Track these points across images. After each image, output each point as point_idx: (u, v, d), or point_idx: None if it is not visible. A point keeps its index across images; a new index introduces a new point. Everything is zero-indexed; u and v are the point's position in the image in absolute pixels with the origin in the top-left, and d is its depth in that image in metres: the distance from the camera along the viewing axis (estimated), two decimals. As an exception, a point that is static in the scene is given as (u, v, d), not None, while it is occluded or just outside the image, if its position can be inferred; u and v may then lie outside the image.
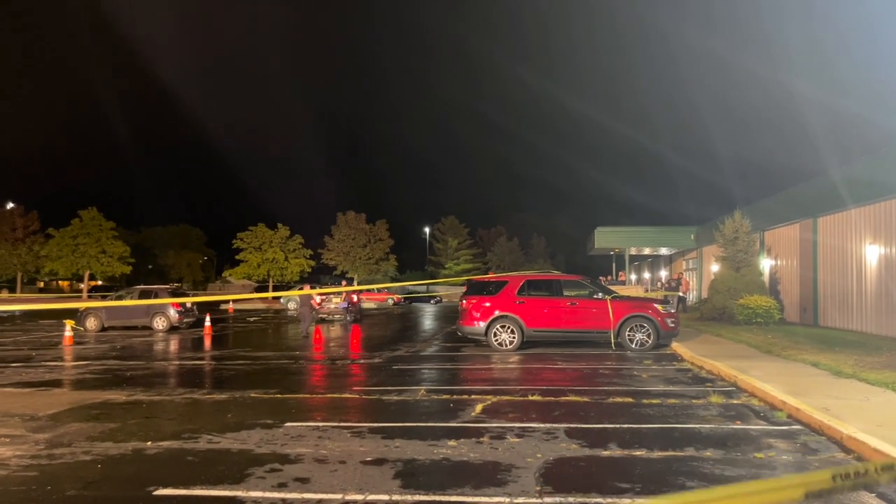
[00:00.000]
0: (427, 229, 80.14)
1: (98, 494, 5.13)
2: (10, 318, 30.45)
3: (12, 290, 59.34)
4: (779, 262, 23.71)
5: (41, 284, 70.79)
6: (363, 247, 56.99)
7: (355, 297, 27.01)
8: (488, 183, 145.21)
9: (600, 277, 40.20)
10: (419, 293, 55.79)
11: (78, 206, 52.46)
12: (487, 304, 15.10)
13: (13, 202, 58.03)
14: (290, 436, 6.87)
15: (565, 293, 15.20)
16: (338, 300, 26.25)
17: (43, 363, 13.47)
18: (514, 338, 14.77)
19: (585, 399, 8.81)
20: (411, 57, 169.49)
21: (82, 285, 56.28)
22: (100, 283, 58.84)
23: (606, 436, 6.75)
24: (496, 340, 14.85)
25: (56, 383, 10.88)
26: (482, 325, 15.00)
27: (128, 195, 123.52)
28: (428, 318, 30.89)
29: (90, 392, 9.87)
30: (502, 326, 14.88)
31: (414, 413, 8.18)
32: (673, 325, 14.67)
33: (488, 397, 8.99)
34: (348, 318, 25.79)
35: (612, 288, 18.53)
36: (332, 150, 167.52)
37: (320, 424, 7.41)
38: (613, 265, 49.66)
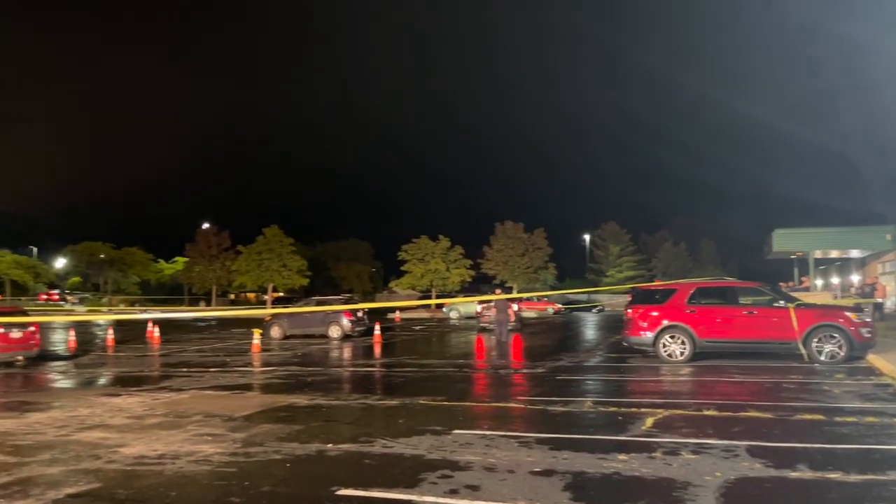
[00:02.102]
0: (586, 236, 78.51)
1: (289, 492, 5.57)
2: (208, 326, 33.96)
3: (208, 302, 66.22)
4: None
5: (232, 296, 78.27)
6: (521, 255, 57.01)
7: (515, 307, 27.02)
8: (649, 187, 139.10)
9: (781, 284, 37.09)
10: (580, 302, 54.79)
11: (262, 224, 57.70)
12: (655, 314, 14.49)
13: (208, 223, 64.80)
14: (459, 443, 7.02)
15: (741, 301, 14.24)
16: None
17: (236, 368, 14.87)
18: (684, 349, 14.04)
19: (768, 415, 8.17)
20: (562, 60, 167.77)
21: (266, 297, 61.57)
22: (281, 294, 63.95)
23: (794, 455, 6.21)
24: (665, 351, 14.20)
25: (247, 387, 11.97)
26: (649, 335, 14.42)
27: (305, 212, 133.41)
28: (589, 327, 30.26)
29: (277, 396, 10.75)
30: (672, 337, 14.20)
31: (581, 425, 8.05)
32: (868, 335, 13.21)
33: (659, 411, 8.62)
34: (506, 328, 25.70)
35: (795, 295, 17.06)
36: (488, 160, 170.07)
37: (487, 433, 7.50)
38: (795, 270, 45.57)
